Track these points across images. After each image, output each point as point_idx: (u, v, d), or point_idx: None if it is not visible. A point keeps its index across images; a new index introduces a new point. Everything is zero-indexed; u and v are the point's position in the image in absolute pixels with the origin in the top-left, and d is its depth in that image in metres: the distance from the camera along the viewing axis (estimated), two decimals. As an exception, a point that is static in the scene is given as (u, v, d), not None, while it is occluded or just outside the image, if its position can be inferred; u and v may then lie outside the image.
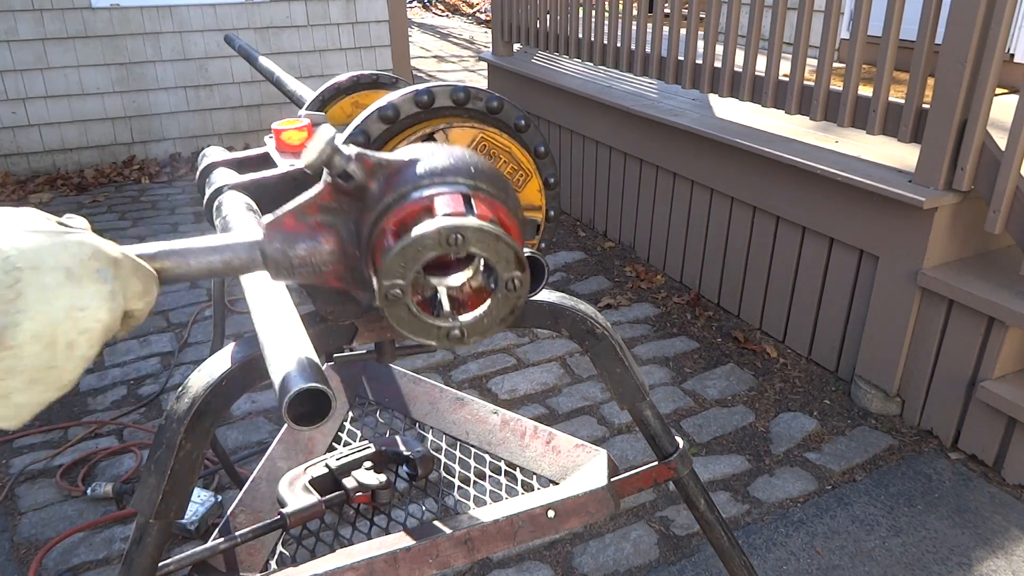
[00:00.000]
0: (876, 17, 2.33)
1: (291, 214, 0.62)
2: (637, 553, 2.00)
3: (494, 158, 1.03)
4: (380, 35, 5.46)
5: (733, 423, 2.52)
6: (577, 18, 3.82)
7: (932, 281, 2.28)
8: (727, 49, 2.89)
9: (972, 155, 2.14)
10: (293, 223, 0.63)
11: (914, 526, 2.08)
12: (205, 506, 2.03)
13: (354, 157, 0.60)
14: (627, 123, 3.52)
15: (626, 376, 1.11)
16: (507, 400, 2.64)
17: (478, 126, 1.03)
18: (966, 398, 2.29)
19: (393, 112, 1.01)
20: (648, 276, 3.51)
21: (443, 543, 1.06)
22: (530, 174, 1.02)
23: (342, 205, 0.62)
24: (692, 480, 1.23)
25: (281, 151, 1.30)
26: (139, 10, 4.78)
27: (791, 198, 2.72)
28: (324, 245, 0.63)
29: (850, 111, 2.48)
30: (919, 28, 2.20)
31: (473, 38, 9.76)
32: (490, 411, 1.42)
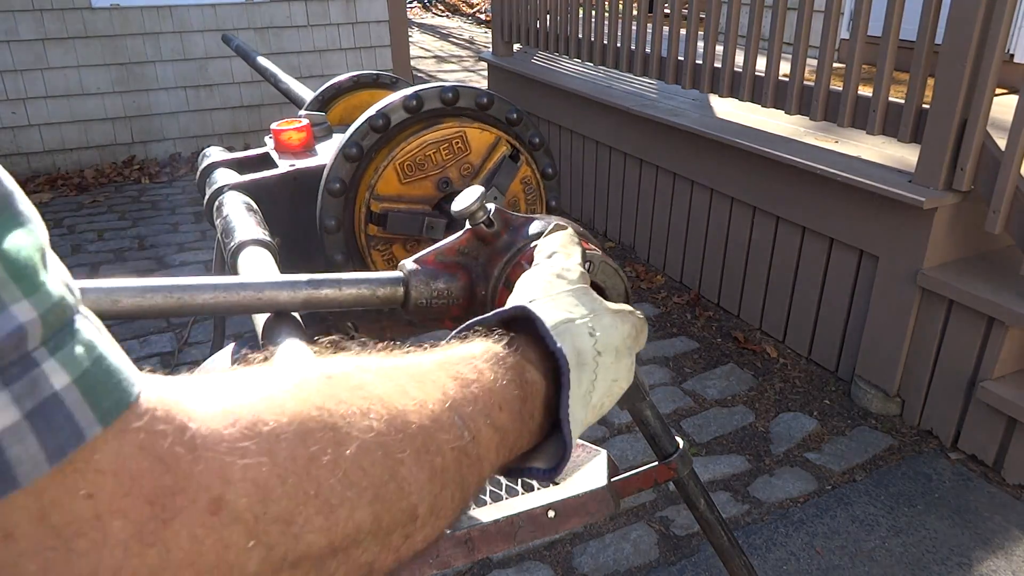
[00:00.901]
0: (876, 17, 2.33)
1: (432, 254, 0.76)
2: (637, 553, 2.00)
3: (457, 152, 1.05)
4: (380, 35, 5.46)
5: (733, 423, 2.52)
6: (577, 18, 3.82)
7: (932, 281, 2.28)
8: (727, 49, 2.89)
9: (972, 155, 2.14)
10: (434, 261, 0.76)
11: (914, 526, 2.08)
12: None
13: (493, 212, 0.75)
14: (627, 123, 3.52)
15: (626, 376, 1.11)
16: (507, 400, 2.64)
17: (466, 125, 1.03)
18: (966, 398, 2.29)
19: (384, 121, 1.02)
20: (648, 276, 3.51)
21: (443, 543, 1.06)
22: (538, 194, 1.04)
23: (475, 250, 0.74)
24: (692, 480, 1.23)
25: (280, 151, 1.30)
26: (139, 10, 4.78)
27: (791, 198, 2.72)
28: (459, 281, 0.75)
29: (850, 111, 2.48)
30: (919, 28, 2.20)
31: (473, 38, 9.76)
32: (490, 411, 1.42)
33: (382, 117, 1.02)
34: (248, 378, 0.30)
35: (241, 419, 0.28)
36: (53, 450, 0.24)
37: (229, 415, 0.28)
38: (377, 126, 1.02)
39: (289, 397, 0.30)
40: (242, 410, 0.28)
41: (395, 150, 1.03)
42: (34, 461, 0.23)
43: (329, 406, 0.30)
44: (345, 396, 0.32)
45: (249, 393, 0.29)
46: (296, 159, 1.26)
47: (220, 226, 1.02)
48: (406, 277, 0.74)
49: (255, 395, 0.29)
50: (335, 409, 0.31)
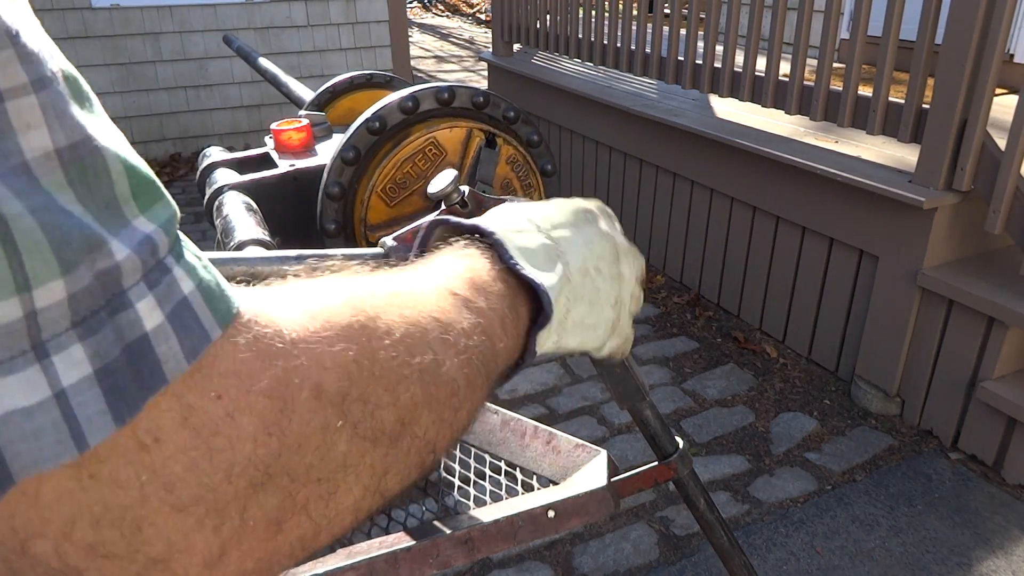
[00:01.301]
0: (876, 17, 2.33)
1: (411, 232, 0.83)
2: (637, 553, 2.00)
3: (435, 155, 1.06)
4: (380, 35, 5.46)
5: (733, 423, 2.52)
6: (577, 18, 3.82)
7: (932, 281, 2.28)
8: (727, 49, 2.89)
9: (972, 155, 2.14)
10: (412, 238, 0.81)
11: (914, 526, 2.08)
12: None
13: (467, 194, 0.83)
14: (627, 123, 3.52)
15: (626, 376, 1.11)
16: (507, 400, 2.64)
17: (433, 128, 1.04)
18: (966, 398, 2.29)
19: (380, 124, 1.02)
20: (648, 276, 3.51)
21: (443, 543, 1.06)
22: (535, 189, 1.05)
23: None
24: (692, 480, 1.23)
25: (280, 151, 1.30)
26: (139, 10, 4.78)
27: (791, 198, 2.72)
28: None
29: (850, 111, 2.48)
30: (919, 28, 2.20)
31: (473, 38, 9.76)
32: (490, 411, 1.42)
33: (378, 119, 1.03)
34: (312, 287, 0.35)
35: (319, 316, 0.32)
36: (189, 349, 0.26)
37: (309, 314, 0.32)
38: (373, 128, 1.03)
39: (345, 298, 0.34)
40: (318, 310, 0.32)
41: (373, 178, 1.04)
42: (176, 359, 0.26)
43: (376, 304, 0.35)
44: (383, 300, 0.37)
45: (318, 297, 0.34)
46: (296, 159, 1.26)
47: (220, 226, 1.03)
48: (387, 252, 0.81)
49: (323, 298, 0.34)
50: (379, 306, 0.36)
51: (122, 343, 0.25)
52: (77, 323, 0.24)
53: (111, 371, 0.24)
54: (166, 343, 0.26)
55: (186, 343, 0.26)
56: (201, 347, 0.27)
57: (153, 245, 0.26)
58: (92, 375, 0.24)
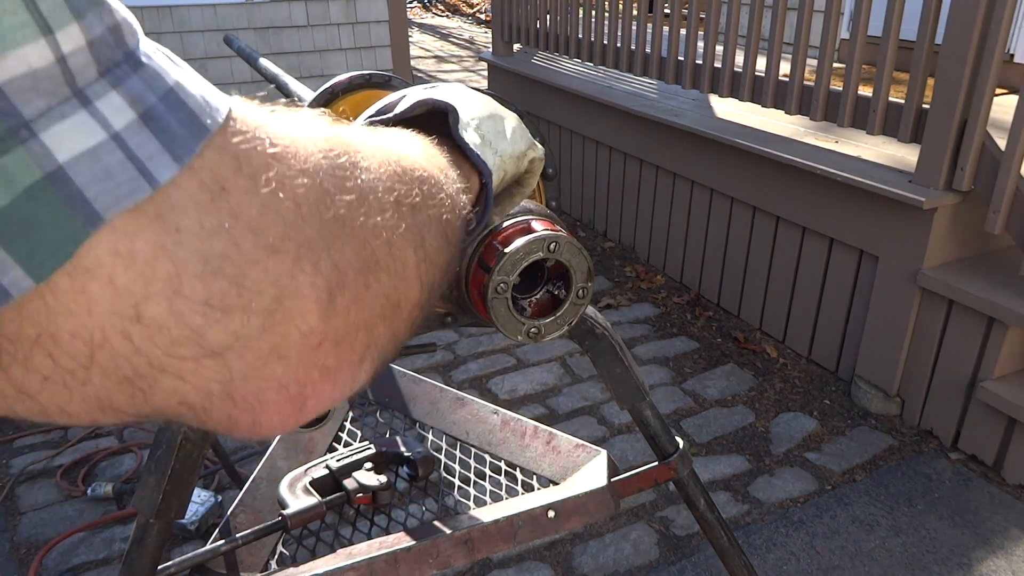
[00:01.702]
0: (876, 17, 2.33)
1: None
2: (637, 553, 2.00)
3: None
4: (380, 35, 5.46)
5: (733, 423, 2.52)
6: (577, 18, 3.82)
7: (932, 281, 2.28)
8: (727, 49, 2.89)
9: (972, 155, 2.14)
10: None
11: (914, 526, 2.08)
12: (205, 506, 2.03)
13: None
14: (627, 123, 3.52)
15: (626, 376, 1.11)
16: (507, 400, 2.64)
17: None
18: (966, 398, 2.29)
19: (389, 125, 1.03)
20: (648, 276, 3.51)
21: (443, 543, 1.06)
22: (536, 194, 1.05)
23: None
24: (692, 480, 1.23)
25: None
26: (139, 10, 4.78)
27: (791, 198, 2.72)
28: None
29: (850, 111, 2.48)
30: (919, 28, 2.20)
31: (473, 38, 9.76)
32: (490, 411, 1.43)
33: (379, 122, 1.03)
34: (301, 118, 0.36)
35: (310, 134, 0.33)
36: (216, 105, 0.27)
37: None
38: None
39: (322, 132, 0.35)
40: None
41: None
42: (207, 112, 0.27)
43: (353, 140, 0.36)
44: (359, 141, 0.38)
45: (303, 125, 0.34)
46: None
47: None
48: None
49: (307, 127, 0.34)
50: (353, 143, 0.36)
51: (155, 93, 0.25)
52: (104, 72, 0.24)
53: (154, 116, 0.25)
54: (192, 98, 0.27)
55: (211, 100, 0.27)
56: (224, 105, 0.28)
57: (131, 26, 0.27)
58: (137, 120, 0.25)
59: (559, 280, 0.77)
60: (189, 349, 0.26)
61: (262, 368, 0.29)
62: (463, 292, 0.78)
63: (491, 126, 0.58)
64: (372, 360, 0.34)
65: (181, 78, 0.27)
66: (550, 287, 0.78)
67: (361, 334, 0.32)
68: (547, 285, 0.78)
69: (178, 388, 0.27)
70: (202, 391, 0.28)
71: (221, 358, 0.27)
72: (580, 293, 0.76)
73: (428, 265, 0.37)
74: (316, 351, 0.30)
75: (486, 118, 0.59)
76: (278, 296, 0.28)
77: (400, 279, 0.34)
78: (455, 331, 3.05)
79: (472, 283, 0.75)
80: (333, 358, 0.31)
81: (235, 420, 0.30)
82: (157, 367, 0.26)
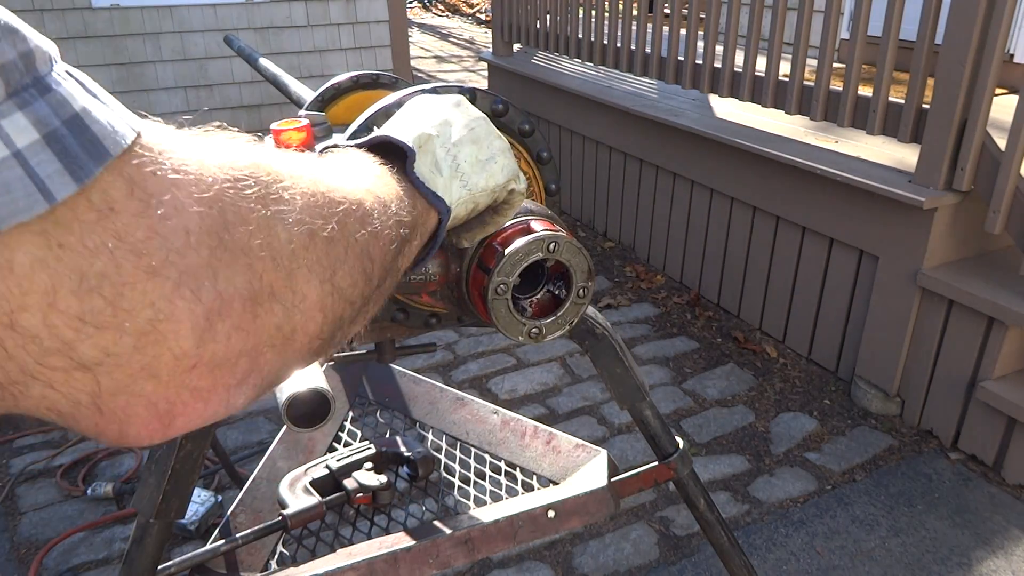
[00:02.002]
0: (876, 17, 2.33)
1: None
2: (637, 553, 2.00)
3: None
4: (380, 35, 5.45)
5: (733, 423, 2.52)
6: (577, 18, 3.82)
7: (932, 281, 2.28)
8: (727, 49, 2.89)
9: (972, 155, 2.14)
10: None
11: (914, 526, 2.08)
12: (205, 506, 2.03)
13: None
14: (627, 123, 3.52)
15: (626, 376, 1.11)
16: (507, 400, 2.64)
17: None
18: (966, 398, 2.29)
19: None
20: (648, 276, 3.51)
21: (443, 543, 1.06)
22: (532, 181, 1.03)
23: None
24: (692, 480, 1.23)
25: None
26: (139, 10, 4.78)
27: (791, 198, 2.72)
28: (436, 258, 0.77)
29: (850, 111, 2.48)
30: (919, 28, 2.20)
31: (473, 38, 9.76)
32: (490, 411, 1.43)
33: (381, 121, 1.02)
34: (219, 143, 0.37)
35: (223, 154, 0.35)
36: (122, 130, 0.29)
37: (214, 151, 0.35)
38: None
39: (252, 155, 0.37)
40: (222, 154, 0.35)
41: None
42: (111, 137, 0.28)
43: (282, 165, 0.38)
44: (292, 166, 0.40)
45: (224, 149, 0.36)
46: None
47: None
48: None
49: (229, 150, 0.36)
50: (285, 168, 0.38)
51: (60, 118, 0.27)
52: (11, 95, 0.26)
53: (57, 138, 0.26)
54: (98, 123, 0.28)
55: (118, 126, 0.29)
56: (131, 131, 0.29)
57: (45, 54, 0.28)
58: (40, 140, 0.26)
59: (559, 280, 0.77)
60: (60, 360, 0.27)
61: (131, 385, 0.29)
62: (464, 293, 0.77)
63: (471, 153, 0.58)
64: (255, 385, 0.35)
65: (89, 104, 0.28)
66: (551, 287, 0.78)
67: (243, 360, 0.33)
68: (548, 285, 0.78)
69: (48, 395, 0.28)
70: (71, 400, 0.29)
71: (91, 372, 0.28)
72: (581, 292, 0.76)
73: (336, 299, 0.38)
74: (189, 373, 0.31)
75: (468, 143, 0.58)
76: (153, 319, 0.29)
77: (296, 311, 0.35)
78: (455, 331, 3.05)
79: (472, 284, 0.75)
80: (208, 380, 0.32)
81: (102, 429, 0.31)
82: (29, 374, 0.27)
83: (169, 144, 0.31)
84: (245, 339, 0.32)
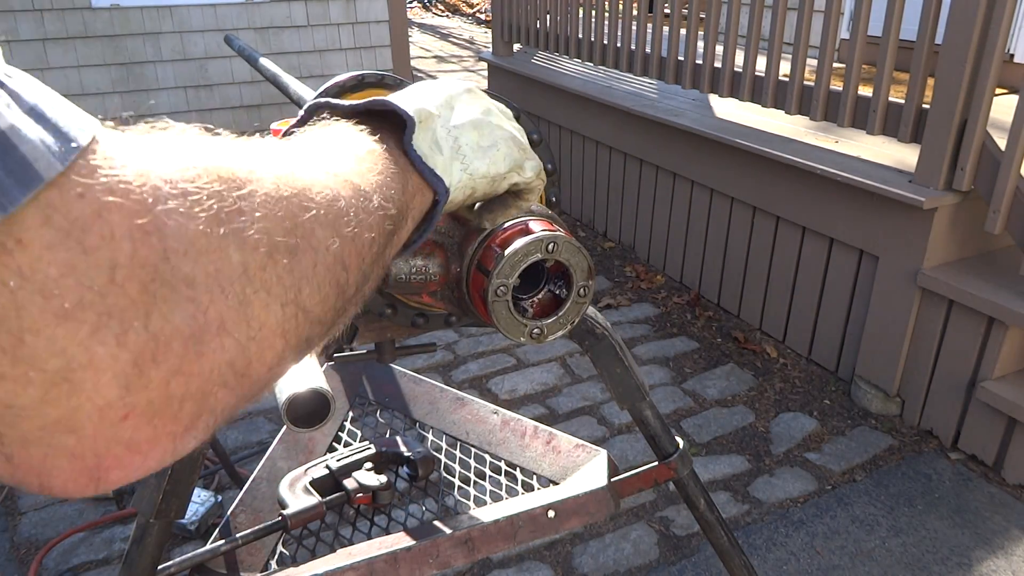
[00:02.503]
0: (876, 17, 2.33)
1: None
2: (637, 553, 2.00)
3: None
4: (380, 35, 5.46)
5: (733, 423, 2.52)
6: (577, 18, 3.82)
7: (932, 281, 2.28)
8: (727, 49, 2.89)
9: (972, 155, 2.14)
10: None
11: (914, 526, 2.08)
12: (205, 506, 2.03)
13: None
14: (627, 123, 3.52)
15: (626, 376, 1.11)
16: (507, 400, 2.64)
17: None
18: (966, 398, 2.29)
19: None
20: (648, 276, 3.51)
21: (443, 543, 1.06)
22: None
23: (451, 230, 0.77)
24: (692, 480, 1.23)
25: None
26: (139, 10, 4.78)
27: (791, 198, 2.72)
28: (436, 259, 0.78)
29: (850, 111, 2.48)
30: (919, 28, 2.20)
31: (473, 38, 9.76)
32: (490, 411, 1.43)
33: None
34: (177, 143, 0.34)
35: (179, 151, 0.32)
36: (59, 151, 0.25)
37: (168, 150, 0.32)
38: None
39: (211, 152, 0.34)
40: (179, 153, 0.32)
41: None
42: (46, 159, 0.25)
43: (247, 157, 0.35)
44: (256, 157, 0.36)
45: (182, 148, 0.33)
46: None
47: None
48: None
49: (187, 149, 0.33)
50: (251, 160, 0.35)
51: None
52: None
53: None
54: (28, 142, 0.24)
55: (52, 143, 0.25)
56: (72, 144, 0.26)
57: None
58: None
59: (560, 279, 0.77)
60: None
61: (46, 438, 0.26)
62: (464, 294, 0.77)
63: (473, 138, 0.55)
64: (207, 426, 0.31)
65: (17, 121, 0.24)
66: (551, 286, 0.78)
67: (189, 404, 0.29)
68: (548, 284, 0.78)
69: None
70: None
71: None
72: (581, 291, 0.76)
73: (300, 321, 0.34)
74: (119, 425, 0.27)
75: (470, 128, 0.55)
76: (64, 368, 0.25)
77: (251, 341, 0.31)
78: (455, 331, 3.05)
79: (472, 286, 0.75)
80: (146, 431, 0.28)
81: (19, 479, 0.28)
82: None
83: (112, 152, 0.27)
84: (187, 383, 0.29)
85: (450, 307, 0.85)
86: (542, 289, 0.78)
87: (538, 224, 0.75)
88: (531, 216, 0.76)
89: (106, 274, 0.25)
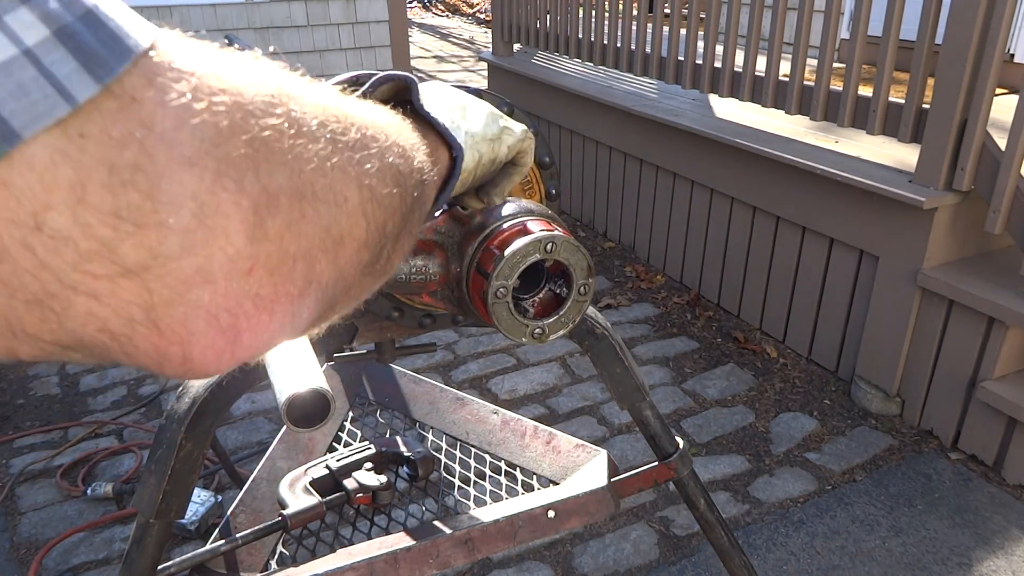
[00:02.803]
0: (876, 17, 2.33)
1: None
2: (637, 553, 2.00)
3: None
4: (380, 35, 5.46)
5: (733, 423, 2.52)
6: (577, 18, 3.82)
7: (932, 281, 2.28)
8: (727, 49, 2.89)
9: (972, 155, 2.14)
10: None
11: (914, 526, 2.08)
12: (205, 506, 2.03)
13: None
14: (627, 123, 3.52)
15: (626, 376, 1.11)
16: (507, 400, 2.64)
17: None
18: (966, 398, 2.29)
19: None
20: (648, 276, 3.51)
21: (443, 543, 1.06)
22: (534, 184, 1.03)
23: (451, 230, 0.78)
24: (692, 480, 1.23)
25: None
26: (139, 10, 4.75)
27: (791, 198, 2.72)
28: (436, 259, 0.79)
29: (850, 111, 2.48)
30: (919, 28, 2.20)
31: (473, 38, 9.76)
32: (490, 411, 1.43)
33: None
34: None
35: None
36: (142, 32, 0.27)
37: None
38: None
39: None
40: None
41: None
42: (129, 36, 0.26)
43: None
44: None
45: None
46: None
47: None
48: None
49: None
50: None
51: (71, 13, 0.24)
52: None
53: (71, 34, 0.24)
54: (113, 20, 0.26)
55: (136, 23, 0.27)
56: (149, 30, 0.27)
57: None
58: (51, 36, 0.24)
59: (560, 278, 0.77)
60: (101, 265, 0.25)
61: (187, 293, 0.27)
62: (464, 294, 0.77)
63: (458, 114, 0.60)
64: (315, 298, 0.32)
65: (101, 2, 0.26)
66: (552, 286, 0.78)
67: (300, 265, 0.30)
68: (548, 284, 0.78)
69: (95, 311, 0.26)
70: (122, 316, 0.26)
71: (139, 278, 0.26)
72: (582, 290, 0.76)
73: (375, 205, 0.35)
74: (247, 277, 0.28)
75: (457, 108, 0.60)
76: (198, 212, 0.26)
77: (342, 213, 0.32)
78: (455, 331, 3.05)
79: (472, 287, 0.75)
80: (268, 287, 0.29)
81: (164, 353, 0.28)
82: (68, 285, 0.25)
83: (188, 45, 0.29)
84: (297, 239, 0.30)
85: (450, 307, 0.85)
86: (542, 288, 0.78)
87: (536, 224, 0.75)
88: (530, 216, 0.76)
89: (212, 126, 0.27)
